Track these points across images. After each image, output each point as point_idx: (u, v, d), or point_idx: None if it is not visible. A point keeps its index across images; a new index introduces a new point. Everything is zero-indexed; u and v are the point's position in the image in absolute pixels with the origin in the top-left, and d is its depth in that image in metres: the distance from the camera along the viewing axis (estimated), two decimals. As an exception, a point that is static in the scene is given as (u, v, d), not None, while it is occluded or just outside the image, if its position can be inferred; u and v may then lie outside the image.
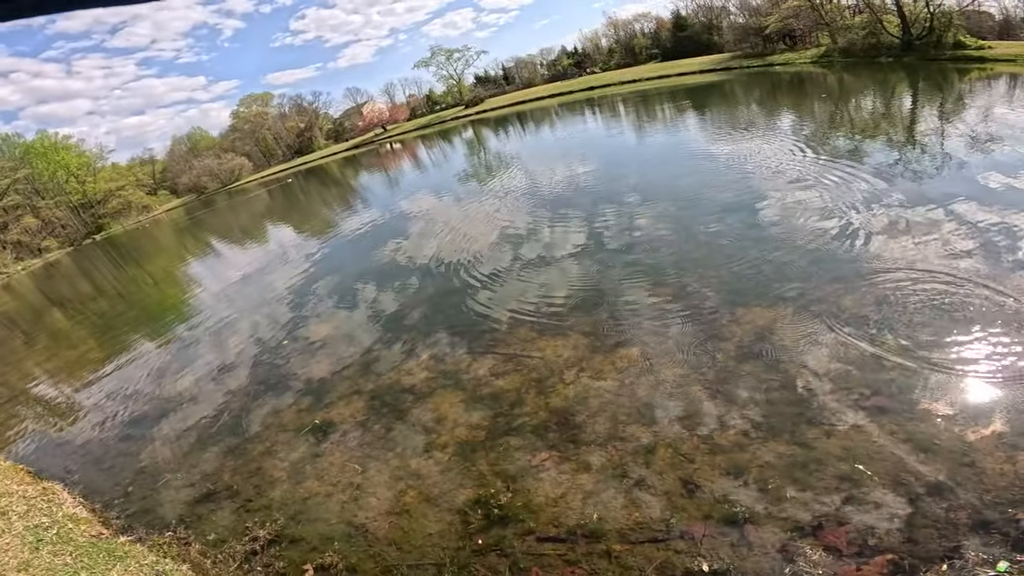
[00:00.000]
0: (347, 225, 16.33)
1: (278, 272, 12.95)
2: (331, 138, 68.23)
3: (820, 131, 14.29)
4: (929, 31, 33.58)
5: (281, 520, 4.37)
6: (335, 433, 5.38)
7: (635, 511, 3.54)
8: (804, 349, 4.67)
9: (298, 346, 7.97)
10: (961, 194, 7.34)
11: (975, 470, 3.24)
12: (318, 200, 27.59)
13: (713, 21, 55.60)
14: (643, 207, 9.69)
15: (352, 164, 40.89)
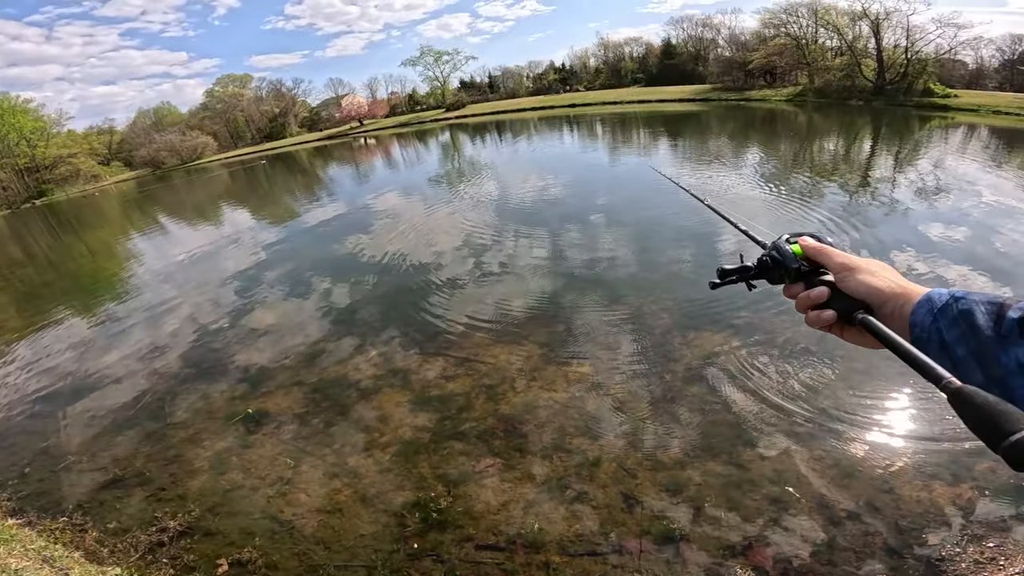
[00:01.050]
0: (309, 215, 15.83)
1: (228, 256, 12.36)
2: (305, 126, 66.70)
3: (782, 170, 14.90)
4: (902, 77, 35.83)
5: (196, 511, 4.09)
6: (269, 424, 5.11)
7: (576, 523, 3.52)
8: (746, 376, 4.81)
9: (240, 332, 7.57)
10: (902, 242, 7.79)
11: (893, 496, 3.40)
12: (281, 187, 26.78)
13: (701, 52, 57.71)
14: (608, 227, 9.80)
15: (323, 154, 39.98)
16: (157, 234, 18.79)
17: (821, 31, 41.22)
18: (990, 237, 7.86)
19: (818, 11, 40.14)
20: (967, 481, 3.45)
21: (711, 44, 57.24)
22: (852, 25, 38.21)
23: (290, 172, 33.05)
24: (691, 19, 59.34)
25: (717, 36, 56.91)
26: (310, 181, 26.64)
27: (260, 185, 29.19)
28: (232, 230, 16.01)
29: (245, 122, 64.05)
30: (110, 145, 60.40)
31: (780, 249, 0.92)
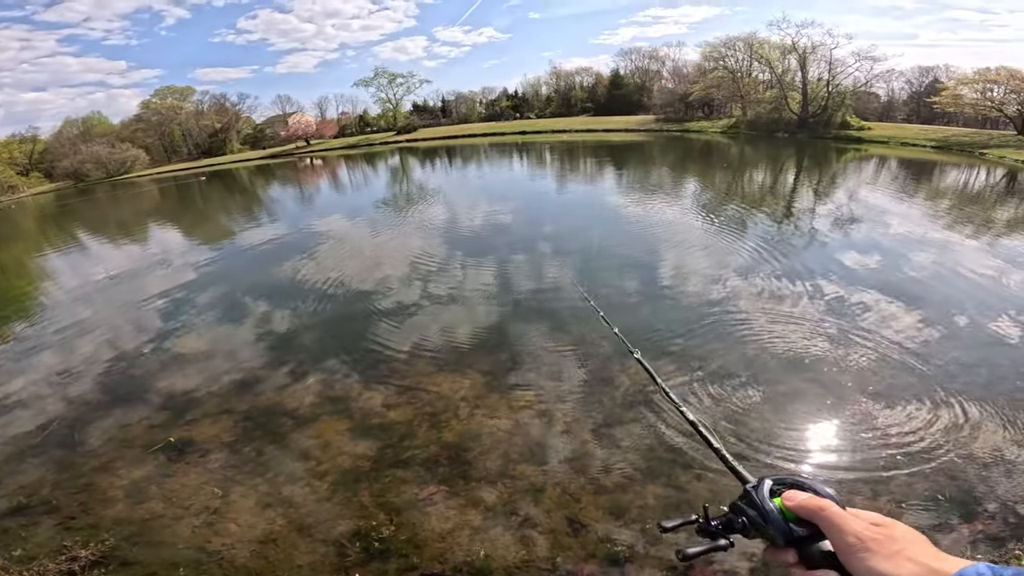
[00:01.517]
0: (246, 236, 15.15)
1: (154, 277, 11.58)
2: (248, 143, 64.33)
3: (717, 200, 15.80)
4: (823, 109, 39.00)
5: (111, 541, 3.84)
6: (193, 453, 4.82)
7: (522, 549, 3.49)
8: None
9: (163, 358, 7.07)
10: (822, 269, 8.41)
11: None
12: (217, 205, 25.60)
13: (647, 83, 60.65)
14: (553, 256, 9.95)
15: (265, 173, 38.61)
16: (76, 252, 17.35)
17: (755, 64, 44.58)
18: (900, 264, 8.62)
19: (753, 45, 43.38)
20: (884, 495, 3.68)
21: (656, 76, 60.53)
22: (782, 59, 41.51)
23: (228, 190, 31.63)
24: (639, 51, 62.87)
25: (662, 68, 60.44)
26: (249, 201, 25.59)
27: (194, 203, 27.79)
28: (160, 250, 15.04)
29: (182, 136, 61.04)
30: (31, 154, 55.71)
31: (763, 510, 0.71)
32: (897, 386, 4.99)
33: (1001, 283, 7.77)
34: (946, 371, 5.24)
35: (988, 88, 34.83)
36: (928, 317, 6.51)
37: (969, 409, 4.59)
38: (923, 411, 4.61)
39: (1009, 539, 3.30)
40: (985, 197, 16.18)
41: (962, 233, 10.88)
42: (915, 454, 4.08)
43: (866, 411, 4.65)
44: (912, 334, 6.10)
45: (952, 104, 36.75)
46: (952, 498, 3.64)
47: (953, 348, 5.71)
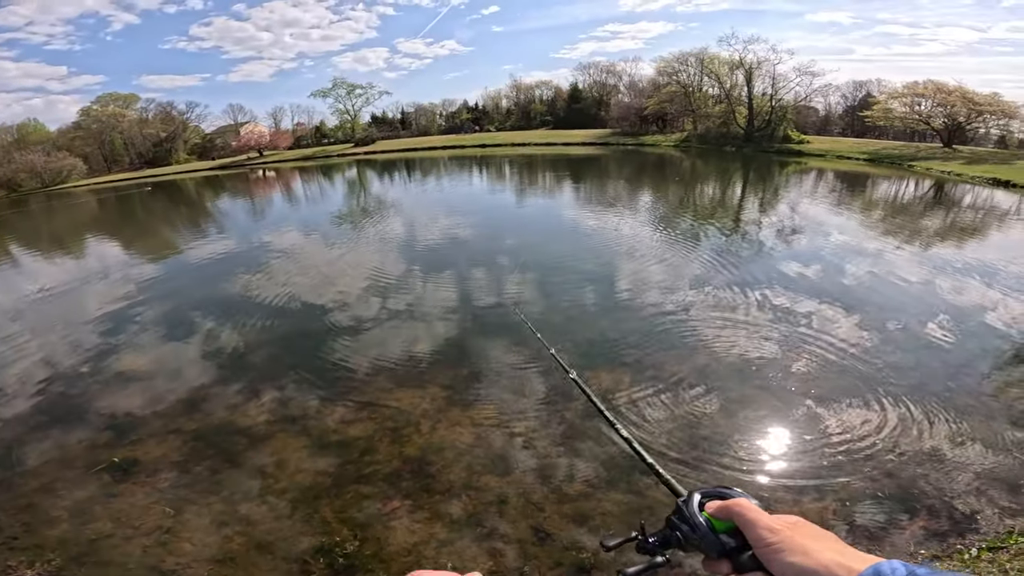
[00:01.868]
0: (193, 251, 14.51)
1: (93, 292, 10.92)
2: (195, 153, 61.85)
3: (670, 213, 16.37)
4: (767, 123, 41.07)
5: (58, 561, 3.72)
6: (140, 473, 4.66)
7: (489, 560, 3.50)
8: (638, 408, 5.13)
9: (104, 377, 6.70)
10: (766, 279, 8.84)
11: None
12: (161, 218, 24.43)
13: (604, 97, 62.18)
14: (513, 270, 10.00)
15: (214, 185, 37.16)
16: (6, 266, 16.16)
17: (706, 79, 46.61)
18: (838, 272, 9.17)
19: (704, 60, 45.40)
20: (830, 496, 3.87)
21: (613, 90, 62.30)
22: (730, 74, 43.63)
23: (173, 202, 30.25)
24: (597, 65, 64.56)
25: (619, 82, 62.29)
26: (196, 213, 24.57)
27: (135, 215, 26.44)
28: (98, 264, 14.18)
29: (124, 145, 58.02)
30: (-37, 164, 51.61)
31: (693, 523, 0.72)
32: (838, 389, 5.29)
33: (930, 289, 8.37)
34: (883, 373, 5.59)
35: (916, 102, 37.63)
36: (865, 322, 6.94)
37: (905, 409, 4.91)
38: (862, 413, 4.89)
39: (950, 534, 3.48)
40: (914, 208, 17.45)
41: (894, 243, 11.68)
42: (856, 455, 4.31)
43: (810, 415, 4.90)
44: (851, 339, 6.48)
45: (883, 118, 39.52)
46: (892, 496, 3.84)
47: (889, 351, 6.11)
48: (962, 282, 8.63)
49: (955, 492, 3.86)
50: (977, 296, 7.99)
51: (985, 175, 23.25)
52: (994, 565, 3.02)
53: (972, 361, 5.86)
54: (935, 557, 3.27)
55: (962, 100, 34.36)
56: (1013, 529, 3.41)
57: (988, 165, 25.82)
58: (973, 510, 3.67)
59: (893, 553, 3.30)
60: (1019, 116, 36.70)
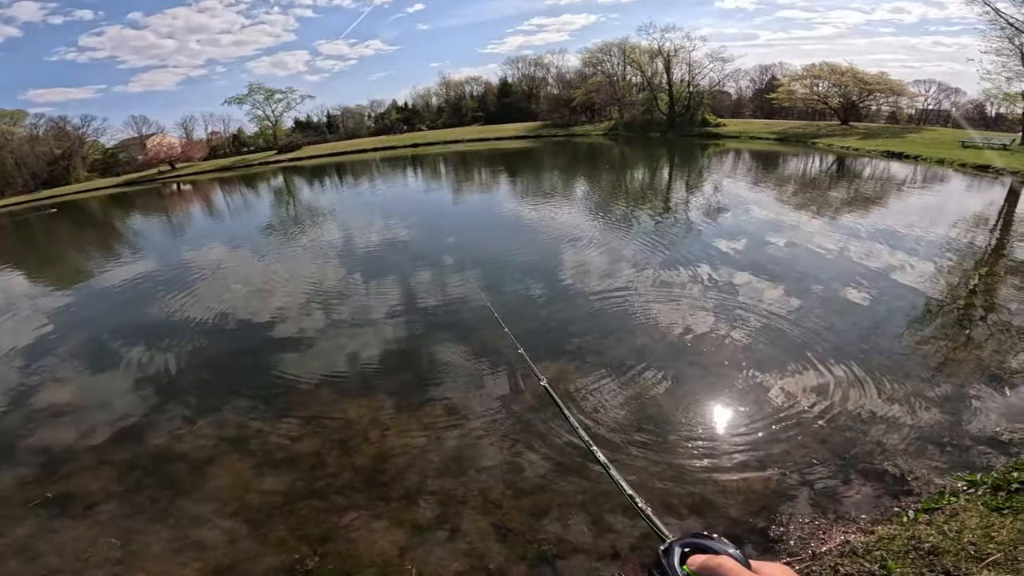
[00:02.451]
0: (108, 275, 13.32)
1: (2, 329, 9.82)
2: (97, 170, 56.70)
3: (603, 200, 16.80)
4: (687, 109, 43.10)
5: None
6: (77, 506, 4.42)
7: (453, 561, 3.47)
8: (586, 395, 5.22)
9: (27, 412, 6.14)
10: (698, 257, 9.27)
11: (718, 488, 3.89)
12: (66, 243, 22.24)
13: (533, 90, 62.64)
14: (453, 268, 9.92)
15: (123, 203, 34.22)
16: None
17: (629, 68, 48.14)
18: (762, 246, 9.76)
19: (626, 50, 46.89)
20: (770, 467, 4.04)
21: (542, 83, 62.93)
22: (651, 62, 45.35)
23: (77, 225, 27.66)
24: (525, 59, 64.86)
25: (547, 75, 62.95)
26: (106, 235, 22.56)
27: (37, 241, 23.90)
28: (3, 298, 12.73)
29: (16, 166, 52.23)
30: None
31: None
32: (768, 359, 5.62)
33: (844, 256, 9.08)
34: (809, 340, 5.99)
35: (815, 83, 40.78)
36: (789, 291, 7.45)
37: (832, 375, 5.25)
38: (793, 381, 5.20)
39: (885, 497, 3.66)
40: (821, 182, 18.88)
41: (807, 215, 12.60)
42: (790, 424, 4.53)
43: (743, 387, 5.16)
44: (776, 309, 6.92)
45: (787, 99, 42.62)
46: (828, 463, 4.03)
47: (812, 318, 6.56)
48: (871, 247, 9.43)
49: (886, 454, 4.06)
50: (886, 259, 8.75)
51: (880, 148, 25.53)
52: (932, 527, 3.12)
53: (888, 321, 6.38)
54: (875, 521, 3.41)
55: (854, 80, 37.61)
56: (944, 489, 3.57)
57: (882, 139, 28.38)
58: (904, 471, 3.87)
59: (837, 522, 3.46)
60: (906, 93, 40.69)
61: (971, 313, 6.65)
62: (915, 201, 14.26)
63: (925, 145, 25.01)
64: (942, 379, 5.02)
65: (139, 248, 17.32)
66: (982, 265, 8.48)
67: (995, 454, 3.95)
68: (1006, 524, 2.95)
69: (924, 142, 26.30)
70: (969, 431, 4.25)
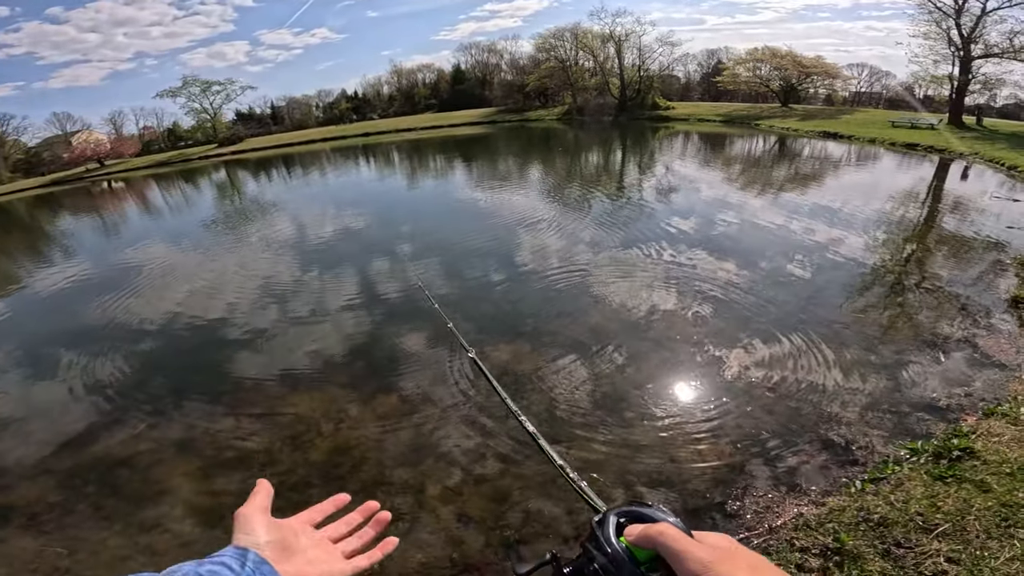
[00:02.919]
0: (38, 280, 12.35)
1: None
2: (20, 171, 52.43)
3: (558, 183, 16.87)
4: (638, 93, 43.73)
5: None
6: (19, 517, 4.19)
7: (417, 552, 3.39)
8: (541, 376, 5.22)
9: None
10: (652, 236, 9.43)
11: (674, 464, 3.96)
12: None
13: (487, 77, 61.84)
14: (404, 256, 9.71)
15: (49, 204, 31.72)
16: None
17: (581, 54, 48.26)
18: (712, 224, 10.04)
19: (578, 35, 46.95)
20: (723, 439, 4.13)
21: (496, 69, 62.19)
22: (603, 47, 45.68)
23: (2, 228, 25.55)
24: (478, 46, 63.81)
25: (500, 61, 62.25)
26: (33, 239, 20.90)
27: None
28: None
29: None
30: None
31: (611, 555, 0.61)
32: (718, 333, 5.77)
33: (786, 230, 9.45)
34: (755, 314, 6.20)
35: (757, 67, 42.21)
36: (738, 266, 7.69)
37: (777, 346, 5.44)
38: (741, 354, 5.35)
39: (831, 467, 3.75)
40: (764, 161, 19.60)
41: (753, 192, 13.05)
42: (740, 396, 4.65)
43: (695, 362, 5.28)
44: (725, 284, 7.13)
45: (731, 83, 43.97)
46: (777, 434, 4.13)
47: (758, 291, 6.79)
48: (811, 223, 9.86)
49: (831, 423, 4.18)
50: (826, 234, 9.15)
51: (817, 129, 26.75)
52: (879, 497, 3.19)
53: (828, 292, 6.67)
54: (826, 492, 3.48)
55: (793, 63, 39.19)
56: (888, 458, 3.68)
57: (819, 120, 29.74)
58: (848, 440, 3.98)
59: (789, 495, 3.52)
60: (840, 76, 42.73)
61: (906, 282, 7.01)
62: (851, 179, 15.02)
63: (859, 125, 26.35)
64: (881, 347, 5.25)
65: (71, 250, 16.14)
66: (915, 238, 9.00)
67: (933, 420, 4.11)
68: (951, 493, 3.02)
69: (857, 123, 27.71)
70: (908, 398, 4.42)
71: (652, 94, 44.03)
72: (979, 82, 27.01)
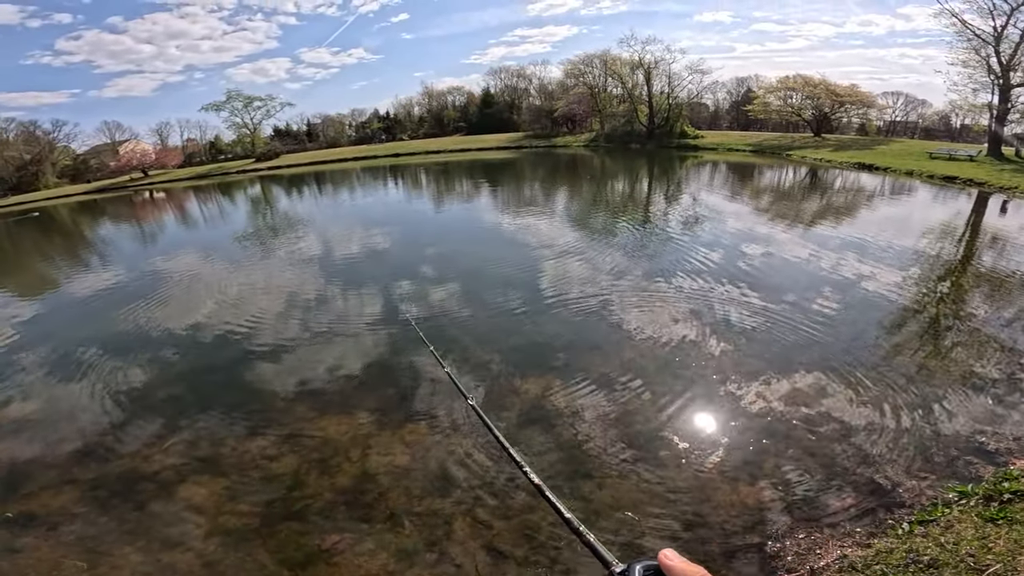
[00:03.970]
0: (75, 284, 12.84)
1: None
2: (68, 177, 55.04)
3: (584, 211, 16.89)
4: (666, 120, 43.59)
5: None
6: (40, 527, 4.20)
7: None
8: (572, 411, 5.13)
9: None
10: (675, 267, 9.32)
11: (711, 504, 3.83)
12: (32, 250, 21.46)
13: (515, 101, 62.73)
14: (435, 281, 9.73)
15: (92, 211, 33.17)
16: None
17: (610, 80, 48.56)
18: (737, 256, 9.87)
19: (607, 61, 47.27)
20: (761, 479, 4.00)
21: (524, 93, 63.15)
22: (632, 74, 45.84)
23: (43, 233, 26.72)
24: (508, 70, 64.92)
25: (529, 86, 63.19)
26: (74, 243, 21.82)
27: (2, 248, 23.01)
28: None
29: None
30: None
31: None
32: (752, 370, 5.62)
33: (823, 265, 9.23)
34: (789, 351, 6.04)
35: (788, 95, 41.76)
36: (769, 300, 7.51)
37: (815, 384, 5.29)
38: (778, 389, 5.22)
39: (879, 510, 3.62)
40: (795, 193, 19.30)
41: (781, 225, 12.82)
42: (778, 435, 4.51)
43: (731, 398, 5.14)
44: (757, 318, 6.97)
45: (762, 111, 43.56)
46: (818, 475, 4.00)
47: (793, 326, 6.63)
48: (843, 257, 9.62)
49: (875, 465, 4.06)
50: (862, 269, 8.90)
51: (851, 160, 26.26)
52: (928, 539, 3.10)
53: (866, 330, 6.45)
54: (871, 534, 3.37)
55: (826, 92, 38.64)
56: (937, 500, 3.58)
57: (853, 151, 29.20)
58: (894, 482, 3.86)
59: (832, 536, 3.41)
60: (876, 105, 41.93)
61: (946, 321, 6.79)
62: (885, 211, 14.67)
63: (895, 156, 25.82)
64: (924, 388, 5.08)
65: (109, 256, 16.77)
66: (953, 274, 8.71)
67: (981, 463, 3.98)
68: (1002, 535, 2.95)
69: (893, 153, 27.16)
70: (954, 441, 4.28)
71: (680, 122, 43.90)
72: (1019, 111, 26.19)
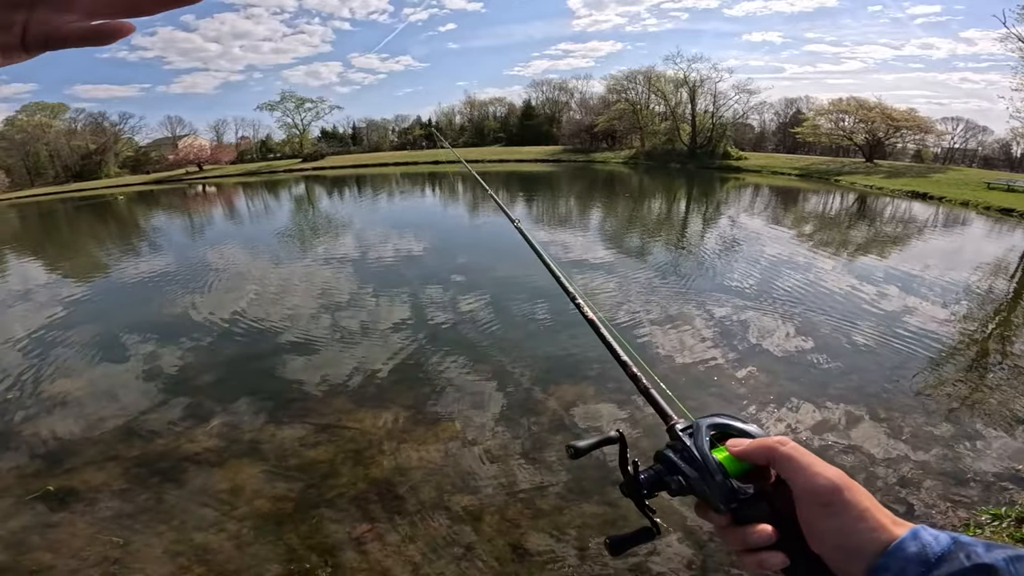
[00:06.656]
0: (124, 269, 13.58)
1: (14, 312, 10.03)
2: (128, 167, 58.32)
3: (620, 229, 16.85)
4: (709, 140, 42.74)
5: None
6: (78, 502, 4.36)
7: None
8: (603, 420, 5.19)
9: (35, 402, 6.16)
10: (709, 289, 9.23)
11: None
12: (87, 234, 22.80)
13: (556, 114, 62.99)
14: (467, 288, 9.83)
15: (147, 201, 34.98)
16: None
17: (652, 97, 48.10)
18: (774, 282, 9.67)
19: (651, 78, 46.87)
20: None
21: (565, 107, 63.35)
22: (675, 92, 45.22)
23: (100, 219, 28.35)
24: (550, 83, 65.39)
25: (570, 100, 63.39)
26: (127, 230, 23.09)
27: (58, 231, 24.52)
28: (19, 283, 13.03)
29: (49, 157, 53.87)
30: None
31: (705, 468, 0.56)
32: (787, 397, 5.53)
33: (860, 297, 8.96)
34: (826, 380, 5.89)
35: (840, 118, 40.40)
36: (806, 329, 7.35)
37: (848, 413, 5.18)
38: (813, 417, 5.14)
39: None
40: (840, 221, 18.74)
41: (824, 254, 12.50)
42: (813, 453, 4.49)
43: (766, 426, 5.07)
44: (795, 346, 6.84)
45: (811, 134, 42.20)
46: None
47: (827, 357, 6.47)
48: (887, 289, 9.31)
49: (908, 487, 4.08)
50: (902, 302, 8.63)
51: (904, 188, 25.32)
52: None
53: (903, 363, 6.28)
54: None
55: (882, 116, 37.18)
56: (969, 522, 3.60)
57: (906, 179, 28.15)
58: (928, 504, 3.88)
59: None
60: (934, 131, 40.15)
61: (993, 358, 6.63)
62: (938, 244, 14.13)
63: (950, 186, 24.80)
64: (962, 418, 5.05)
65: (159, 245, 17.69)
66: (1002, 311, 8.37)
67: (1017, 489, 3.99)
68: None
69: (949, 182, 26.09)
70: (991, 469, 4.27)
71: (724, 142, 42.99)
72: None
